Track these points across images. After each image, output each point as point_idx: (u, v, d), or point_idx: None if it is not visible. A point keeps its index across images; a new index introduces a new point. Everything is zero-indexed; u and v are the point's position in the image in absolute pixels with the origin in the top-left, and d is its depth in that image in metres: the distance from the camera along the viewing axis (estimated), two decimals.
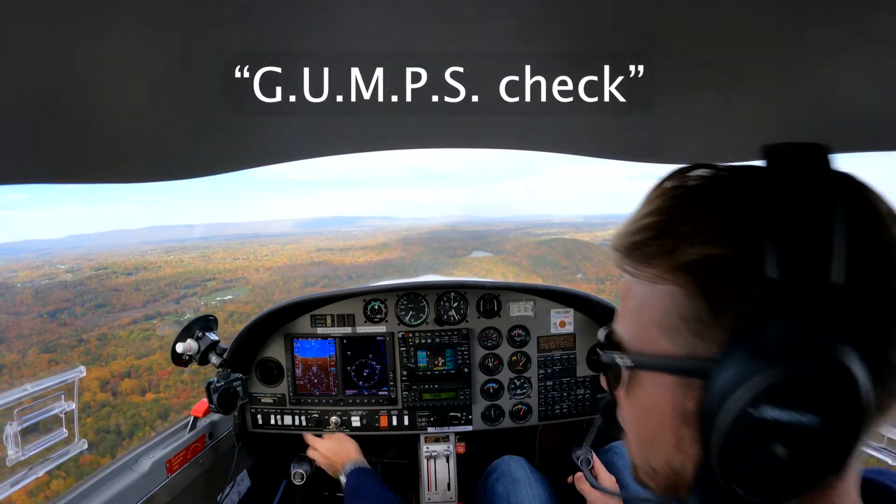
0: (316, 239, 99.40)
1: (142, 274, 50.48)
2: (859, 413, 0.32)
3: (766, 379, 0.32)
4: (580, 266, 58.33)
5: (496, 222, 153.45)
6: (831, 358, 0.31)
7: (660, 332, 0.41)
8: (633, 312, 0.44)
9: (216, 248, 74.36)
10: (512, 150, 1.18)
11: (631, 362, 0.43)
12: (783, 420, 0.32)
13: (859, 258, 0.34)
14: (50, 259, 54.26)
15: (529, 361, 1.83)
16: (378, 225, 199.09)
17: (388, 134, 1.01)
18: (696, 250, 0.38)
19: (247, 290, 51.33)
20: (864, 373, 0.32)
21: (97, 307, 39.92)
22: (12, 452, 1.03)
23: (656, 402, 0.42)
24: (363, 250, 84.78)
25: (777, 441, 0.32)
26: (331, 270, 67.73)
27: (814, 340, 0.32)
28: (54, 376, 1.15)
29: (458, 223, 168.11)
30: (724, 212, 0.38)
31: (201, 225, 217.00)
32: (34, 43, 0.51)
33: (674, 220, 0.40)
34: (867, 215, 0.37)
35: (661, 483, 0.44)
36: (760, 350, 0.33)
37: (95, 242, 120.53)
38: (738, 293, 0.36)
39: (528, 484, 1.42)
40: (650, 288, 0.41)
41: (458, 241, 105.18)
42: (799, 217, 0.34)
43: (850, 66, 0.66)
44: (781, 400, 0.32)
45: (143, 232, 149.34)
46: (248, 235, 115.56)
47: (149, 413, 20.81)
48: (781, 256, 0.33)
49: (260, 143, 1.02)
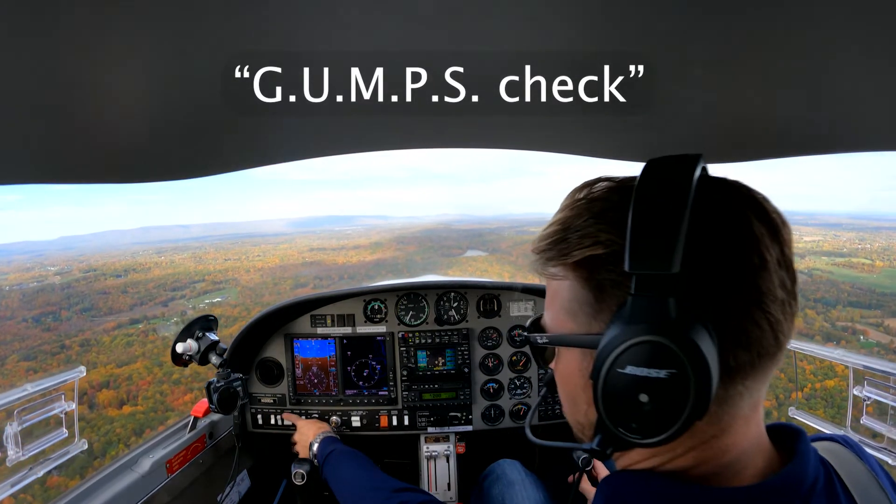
0: (309, 238, 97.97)
1: (131, 276, 49.31)
2: (701, 368, 0.40)
3: (626, 346, 0.43)
4: None
5: (491, 220, 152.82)
6: (669, 329, 0.41)
7: (566, 316, 0.52)
8: (549, 302, 0.56)
9: (208, 248, 72.54)
10: (512, 150, 1.18)
11: (546, 339, 0.55)
12: (640, 375, 0.42)
13: (705, 250, 0.44)
14: (41, 261, 53.43)
15: (529, 361, 1.83)
16: (372, 224, 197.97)
17: (388, 134, 1.01)
18: (581, 252, 0.48)
19: (236, 291, 50.14)
20: (707, 337, 0.41)
21: (83, 311, 38.81)
22: (12, 452, 1.03)
23: (570, 369, 0.54)
24: (356, 250, 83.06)
25: (641, 392, 0.42)
26: (322, 271, 66.34)
27: (657, 317, 0.42)
28: (54, 376, 1.15)
29: (453, 222, 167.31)
30: (603, 219, 0.48)
31: (197, 225, 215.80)
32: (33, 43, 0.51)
33: (568, 229, 0.51)
34: (719, 214, 0.46)
35: (587, 434, 0.55)
36: (625, 325, 0.43)
37: (88, 243, 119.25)
38: (612, 283, 0.47)
39: (523, 486, 1.42)
40: (557, 283, 0.53)
41: (453, 240, 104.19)
42: (648, 220, 0.43)
43: (851, 67, 0.66)
44: (638, 360, 0.42)
45: (137, 232, 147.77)
46: (242, 235, 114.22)
47: (123, 430, 19.39)
48: (633, 254, 0.43)
49: (260, 143, 1.02)
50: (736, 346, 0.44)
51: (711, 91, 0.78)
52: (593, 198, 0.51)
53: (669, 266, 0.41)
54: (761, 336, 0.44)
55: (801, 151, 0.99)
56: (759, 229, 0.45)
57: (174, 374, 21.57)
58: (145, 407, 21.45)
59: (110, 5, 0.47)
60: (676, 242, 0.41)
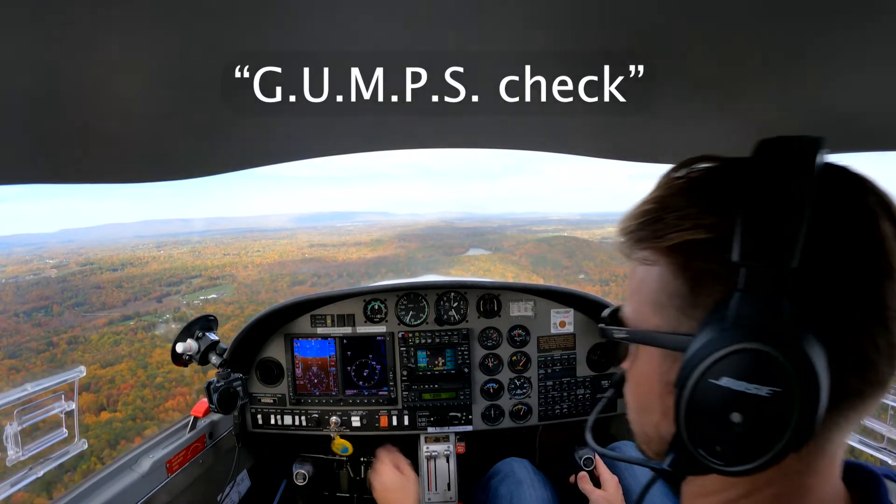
0: (310, 234, 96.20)
1: (127, 270, 47.54)
2: (811, 389, 0.34)
3: (724, 353, 0.36)
4: (582, 266, 56.64)
5: (493, 219, 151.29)
6: (781, 337, 0.34)
7: (651, 309, 0.45)
8: (632, 292, 0.48)
9: (208, 243, 70.85)
10: (512, 150, 1.18)
11: (625, 334, 0.48)
12: (737, 389, 0.35)
13: (825, 247, 0.36)
14: (40, 254, 51.83)
15: (529, 361, 1.83)
16: (374, 221, 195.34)
17: (388, 134, 1.01)
18: (678, 235, 0.41)
19: (232, 288, 48.64)
20: (821, 354, 0.34)
21: (75, 306, 37.47)
22: (12, 452, 1.03)
23: (647, 372, 0.46)
24: (357, 246, 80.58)
25: (734, 410, 0.36)
26: (321, 268, 64.36)
27: (766, 321, 0.35)
28: (54, 376, 1.15)
29: (455, 220, 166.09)
30: (706, 201, 0.41)
31: (199, 219, 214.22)
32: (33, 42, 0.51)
33: (664, 209, 0.43)
34: (842, 206, 0.38)
35: (654, 448, 0.48)
36: (724, 327, 0.36)
37: (89, 236, 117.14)
38: (712, 274, 0.39)
39: (531, 486, 1.42)
40: (645, 269, 0.45)
41: (455, 239, 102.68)
42: (766, 205, 0.36)
43: (851, 67, 0.66)
44: (737, 372, 0.35)
45: (138, 226, 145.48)
46: (244, 230, 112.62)
47: (97, 440, 17.59)
48: (745, 242, 0.36)
49: (260, 143, 1.02)
50: (847, 368, 0.36)
51: (711, 91, 0.78)
52: (695, 177, 0.44)
53: (790, 259, 0.34)
54: (877, 359, 0.37)
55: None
56: (887, 229, 0.37)
57: (157, 378, 21.49)
58: (124, 414, 20.40)
59: (111, 4, 0.47)
60: (799, 231, 0.34)
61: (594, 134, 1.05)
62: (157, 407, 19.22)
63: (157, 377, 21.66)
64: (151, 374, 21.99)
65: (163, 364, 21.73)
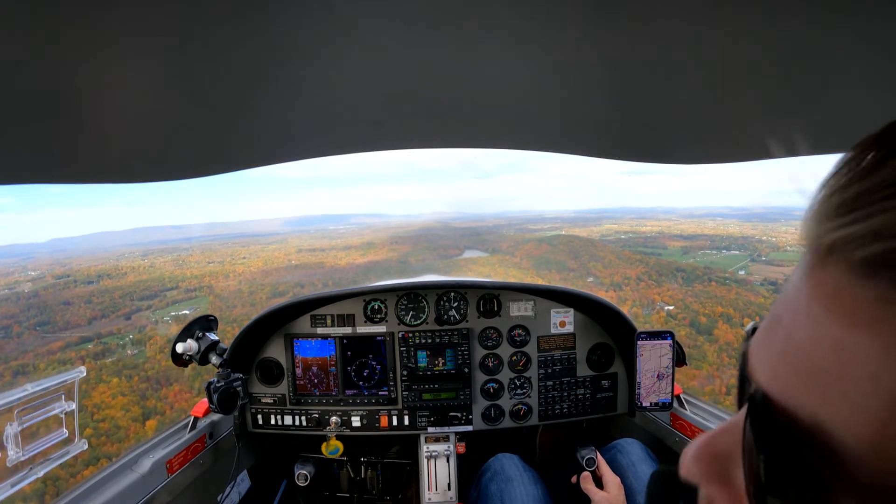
0: (300, 238, 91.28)
1: (103, 282, 43.56)
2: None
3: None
4: (589, 268, 53.47)
5: (488, 218, 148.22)
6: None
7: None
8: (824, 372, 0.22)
9: (196, 250, 66.84)
10: (512, 150, 1.18)
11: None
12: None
13: None
14: (25, 265, 49.07)
15: (529, 361, 1.83)
16: (367, 222, 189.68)
17: (388, 134, 1.01)
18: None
19: (207, 302, 44.29)
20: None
21: (38, 325, 33.40)
22: (12, 452, 1.03)
23: None
24: (346, 251, 76.33)
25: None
26: (306, 275, 59.08)
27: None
28: (54, 376, 1.15)
29: (449, 220, 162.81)
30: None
31: (193, 225, 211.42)
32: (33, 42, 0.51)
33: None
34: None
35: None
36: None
37: (78, 245, 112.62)
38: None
39: (521, 482, 1.42)
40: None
41: (450, 240, 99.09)
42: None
43: (852, 67, 0.66)
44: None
45: (128, 234, 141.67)
46: (234, 235, 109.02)
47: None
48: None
49: (260, 143, 1.02)
50: None
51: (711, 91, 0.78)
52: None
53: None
54: None
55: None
56: None
57: (96, 414, 18.08)
58: (29, 489, 17.24)
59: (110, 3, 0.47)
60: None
61: (594, 133, 1.05)
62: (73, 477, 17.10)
63: (87, 426, 17.45)
64: (83, 422, 19.79)
65: (101, 407, 18.38)
